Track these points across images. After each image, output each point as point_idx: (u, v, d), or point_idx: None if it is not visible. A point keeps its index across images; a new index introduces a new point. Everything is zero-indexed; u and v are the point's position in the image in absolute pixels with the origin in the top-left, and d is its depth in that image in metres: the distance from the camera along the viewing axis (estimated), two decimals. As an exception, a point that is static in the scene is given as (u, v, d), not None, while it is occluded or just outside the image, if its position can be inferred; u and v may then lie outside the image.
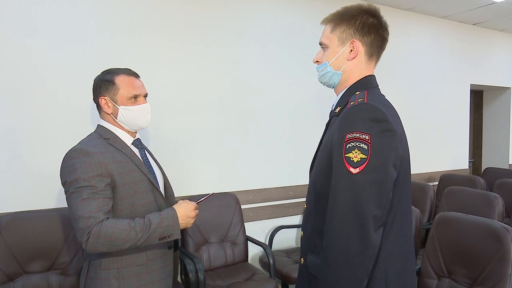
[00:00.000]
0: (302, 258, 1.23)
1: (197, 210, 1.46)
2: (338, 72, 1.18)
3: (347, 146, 1.01)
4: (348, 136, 1.02)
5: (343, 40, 1.16)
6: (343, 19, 1.16)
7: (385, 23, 1.18)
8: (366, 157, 0.99)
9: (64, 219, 2.10)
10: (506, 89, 4.87)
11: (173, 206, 1.42)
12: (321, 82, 1.25)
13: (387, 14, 4.10)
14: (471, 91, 4.54)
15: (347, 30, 1.15)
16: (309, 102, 3.18)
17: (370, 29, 1.15)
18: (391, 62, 3.72)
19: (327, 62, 1.19)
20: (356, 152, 1.00)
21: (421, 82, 4.00)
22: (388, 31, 1.19)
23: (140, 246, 1.35)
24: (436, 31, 4.11)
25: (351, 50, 1.16)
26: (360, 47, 1.16)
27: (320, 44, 1.23)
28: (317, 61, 1.23)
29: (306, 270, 1.19)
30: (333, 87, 1.24)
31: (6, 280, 1.91)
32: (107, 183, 1.33)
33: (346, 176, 1.00)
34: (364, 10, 1.16)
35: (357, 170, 0.99)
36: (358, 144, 1.00)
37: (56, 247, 2.05)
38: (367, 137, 0.99)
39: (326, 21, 1.22)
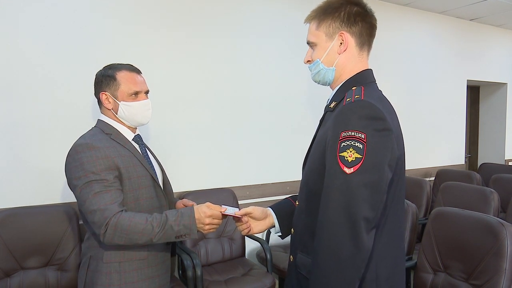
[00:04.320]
0: (291, 256, 1.20)
1: (215, 220, 1.31)
2: (331, 68, 1.14)
3: (342, 144, 0.97)
4: (343, 134, 0.97)
5: (330, 34, 1.12)
6: (326, 13, 1.12)
7: (371, 10, 1.14)
8: (361, 156, 0.95)
9: (61, 215, 2.09)
10: (502, 84, 4.89)
11: (194, 206, 1.35)
12: (315, 81, 1.21)
13: (384, 10, 4.07)
14: (467, 86, 4.56)
15: (333, 24, 1.11)
16: (306, 97, 3.18)
17: (356, 18, 1.10)
18: (387, 57, 3.72)
19: (318, 59, 1.15)
20: (350, 151, 0.96)
21: (418, 78, 4.01)
22: (375, 18, 1.14)
23: (157, 243, 1.33)
24: (433, 27, 4.11)
25: (341, 43, 1.11)
26: (349, 39, 1.11)
27: (308, 43, 1.18)
28: (308, 61, 1.20)
29: (296, 269, 1.16)
30: (328, 84, 1.20)
31: (3, 276, 1.91)
32: (115, 176, 1.33)
33: (340, 176, 0.96)
34: (346, 0, 1.11)
35: (352, 170, 0.95)
36: (353, 143, 0.96)
37: (53, 243, 2.05)
38: (362, 136, 0.95)
39: (309, 18, 1.17)
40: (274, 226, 1.35)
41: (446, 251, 1.86)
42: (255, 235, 2.74)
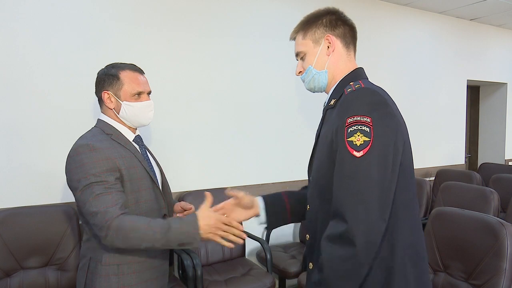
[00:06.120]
0: (310, 263, 1.18)
1: (221, 224, 1.30)
2: (324, 70, 1.18)
3: (349, 130, 0.99)
4: (349, 120, 0.99)
5: (317, 40, 1.18)
6: (309, 23, 1.19)
7: (348, 17, 1.22)
8: (369, 139, 0.96)
9: (61, 215, 2.09)
10: (502, 84, 4.89)
11: (197, 213, 1.31)
12: (310, 90, 1.24)
13: (384, 10, 4.07)
14: (467, 86, 4.56)
15: (318, 30, 1.18)
16: (306, 98, 3.17)
17: (337, 22, 1.18)
18: (387, 57, 3.72)
19: (310, 66, 1.19)
20: (358, 135, 0.97)
21: (418, 78, 4.01)
22: (353, 23, 1.22)
23: (159, 249, 1.31)
24: (433, 27, 4.11)
25: (328, 46, 1.17)
26: (335, 40, 1.17)
27: (297, 55, 1.23)
28: (299, 72, 1.23)
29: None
30: (323, 90, 1.23)
31: (3, 275, 1.92)
32: (116, 177, 1.31)
33: (350, 160, 0.97)
34: (325, 11, 1.20)
35: (361, 153, 0.96)
36: (360, 127, 0.98)
37: (53, 243, 2.05)
38: (368, 120, 0.98)
39: (294, 33, 1.24)
40: (258, 216, 1.37)
41: (446, 251, 1.86)
42: (255, 235, 2.75)
